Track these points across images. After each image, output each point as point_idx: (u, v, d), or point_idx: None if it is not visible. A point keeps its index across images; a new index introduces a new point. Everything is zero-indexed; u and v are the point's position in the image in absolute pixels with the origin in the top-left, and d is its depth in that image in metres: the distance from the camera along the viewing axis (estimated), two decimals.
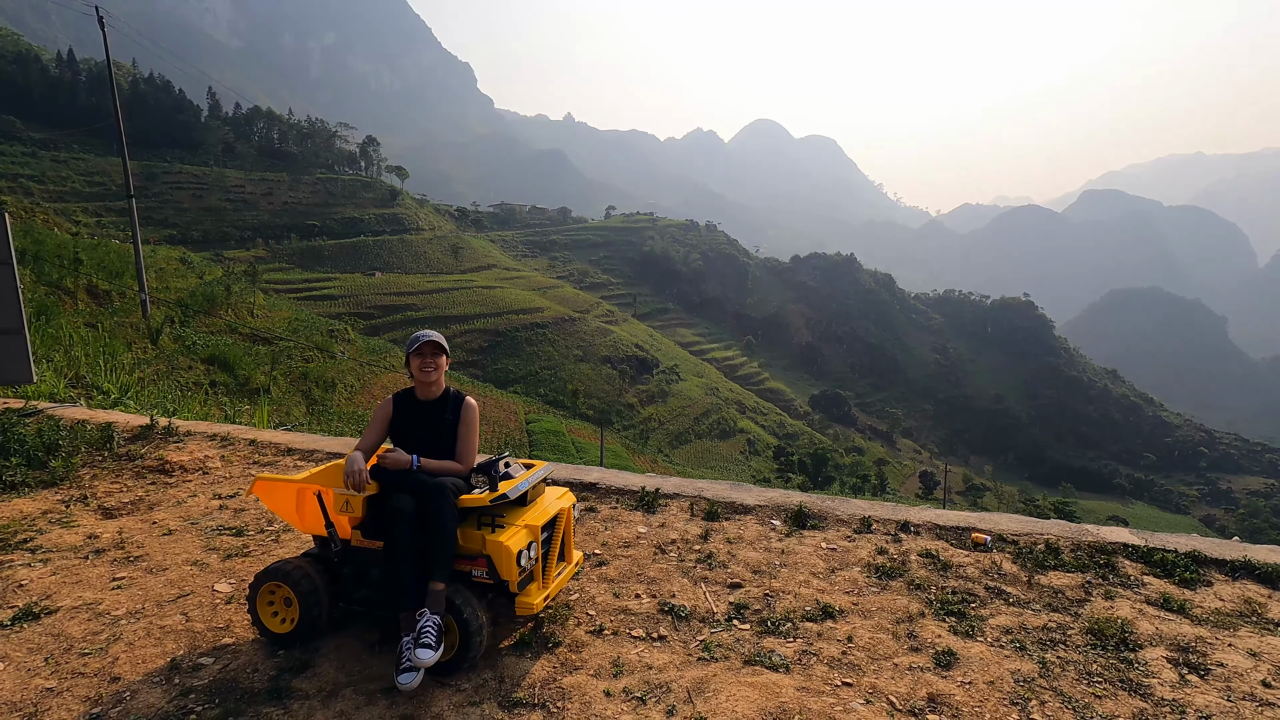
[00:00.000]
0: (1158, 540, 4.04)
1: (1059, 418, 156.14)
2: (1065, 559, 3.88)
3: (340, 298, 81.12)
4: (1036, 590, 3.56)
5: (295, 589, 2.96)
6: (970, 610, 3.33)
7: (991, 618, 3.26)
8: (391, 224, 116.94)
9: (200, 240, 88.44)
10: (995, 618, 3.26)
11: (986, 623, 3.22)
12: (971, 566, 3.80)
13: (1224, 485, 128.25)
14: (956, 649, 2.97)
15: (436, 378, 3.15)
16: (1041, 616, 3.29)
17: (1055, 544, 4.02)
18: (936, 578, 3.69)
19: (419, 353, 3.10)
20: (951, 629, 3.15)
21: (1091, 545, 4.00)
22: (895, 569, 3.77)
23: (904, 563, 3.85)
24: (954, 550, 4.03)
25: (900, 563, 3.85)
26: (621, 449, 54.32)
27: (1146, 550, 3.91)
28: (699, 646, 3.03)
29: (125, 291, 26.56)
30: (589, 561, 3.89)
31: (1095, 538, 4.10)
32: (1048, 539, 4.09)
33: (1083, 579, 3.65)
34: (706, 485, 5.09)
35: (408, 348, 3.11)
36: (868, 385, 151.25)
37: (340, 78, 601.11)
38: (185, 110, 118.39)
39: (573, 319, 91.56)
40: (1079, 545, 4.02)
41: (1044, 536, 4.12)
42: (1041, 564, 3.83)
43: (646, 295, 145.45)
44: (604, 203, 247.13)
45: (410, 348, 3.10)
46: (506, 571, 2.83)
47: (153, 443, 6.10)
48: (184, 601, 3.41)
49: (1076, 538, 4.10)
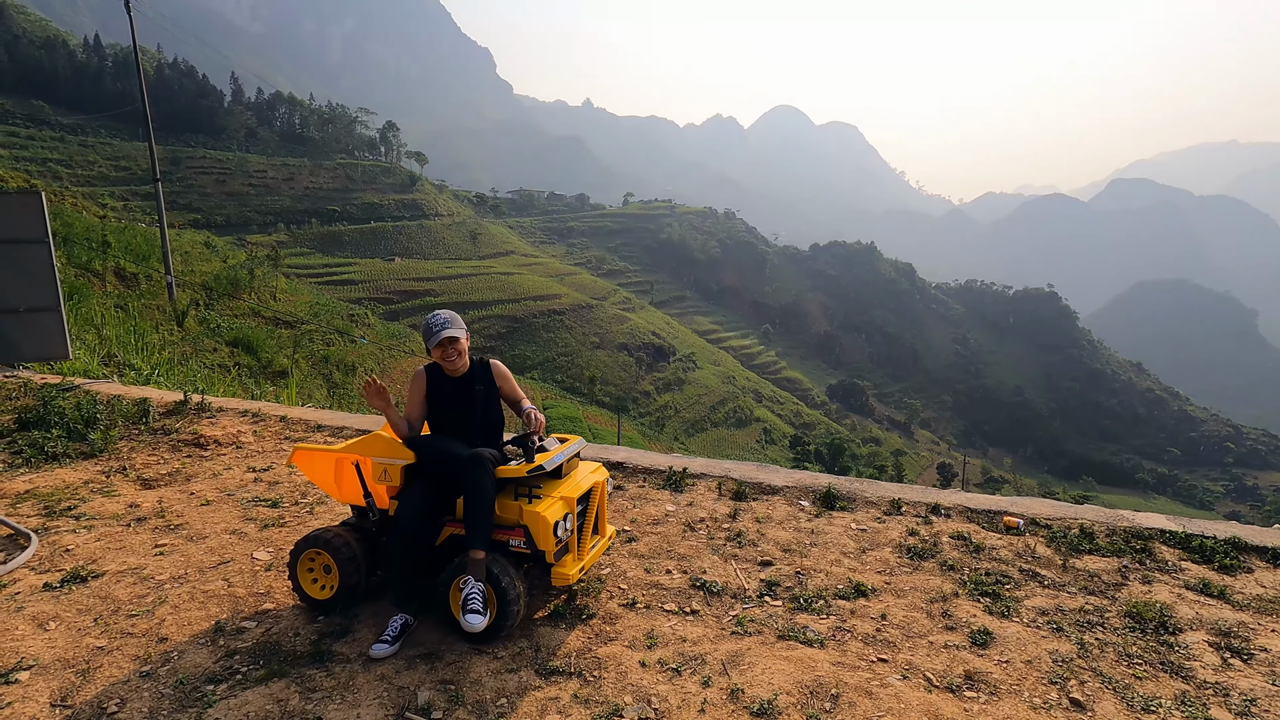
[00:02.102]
0: (1196, 526, 3.98)
1: (1081, 411, 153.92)
2: (1100, 543, 3.83)
3: (360, 283, 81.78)
4: (1072, 573, 3.52)
5: (335, 556, 3.01)
6: (1005, 591, 3.30)
7: (1027, 599, 3.24)
8: (410, 209, 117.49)
9: (223, 225, 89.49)
10: (1030, 599, 3.24)
11: (1022, 604, 3.19)
12: (1005, 549, 3.77)
13: (1250, 481, 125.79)
14: (992, 628, 2.95)
15: (461, 363, 3.15)
16: (1078, 599, 3.25)
17: (1090, 529, 3.97)
18: (969, 559, 3.66)
19: (439, 345, 3.10)
20: (986, 609, 3.13)
21: (1127, 530, 3.95)
22: (927, 550, 3.75)
23: (935, 544, 3.83)
24: (986, 533, 3.99)
25: (932, 544, 3.83)
26: (638, 436, 54.50)
27: (1184, 536, 3.85)
28: (731, 621, 3.04)
29: (152, 274, 26.99)
30: (619, 538, 3.90)
31: (1131, 523, 4.04)
32: (1082, 523, 4.04)
33: (1119, 563, 3.61)
34: (733, 465, 5.09)
35: (426, 338, 3.09)
36: (886, 375, 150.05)
37: (360, 63, 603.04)
38: (208, 95, 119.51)
39: (590, 306, 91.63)
40: (1114, 530, 3.97)
41: (1078, 521, 4.08)
42: (1076, 548, 3.79)
43: (663, 283, 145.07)
44: (622, 190, 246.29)
45: (430, 341, 3.08)
46: (543, 541, 2.85)
47: (187, 418, 6.22)
48: (225, 568, 3.48)
49: (1112, 523, 4.04)
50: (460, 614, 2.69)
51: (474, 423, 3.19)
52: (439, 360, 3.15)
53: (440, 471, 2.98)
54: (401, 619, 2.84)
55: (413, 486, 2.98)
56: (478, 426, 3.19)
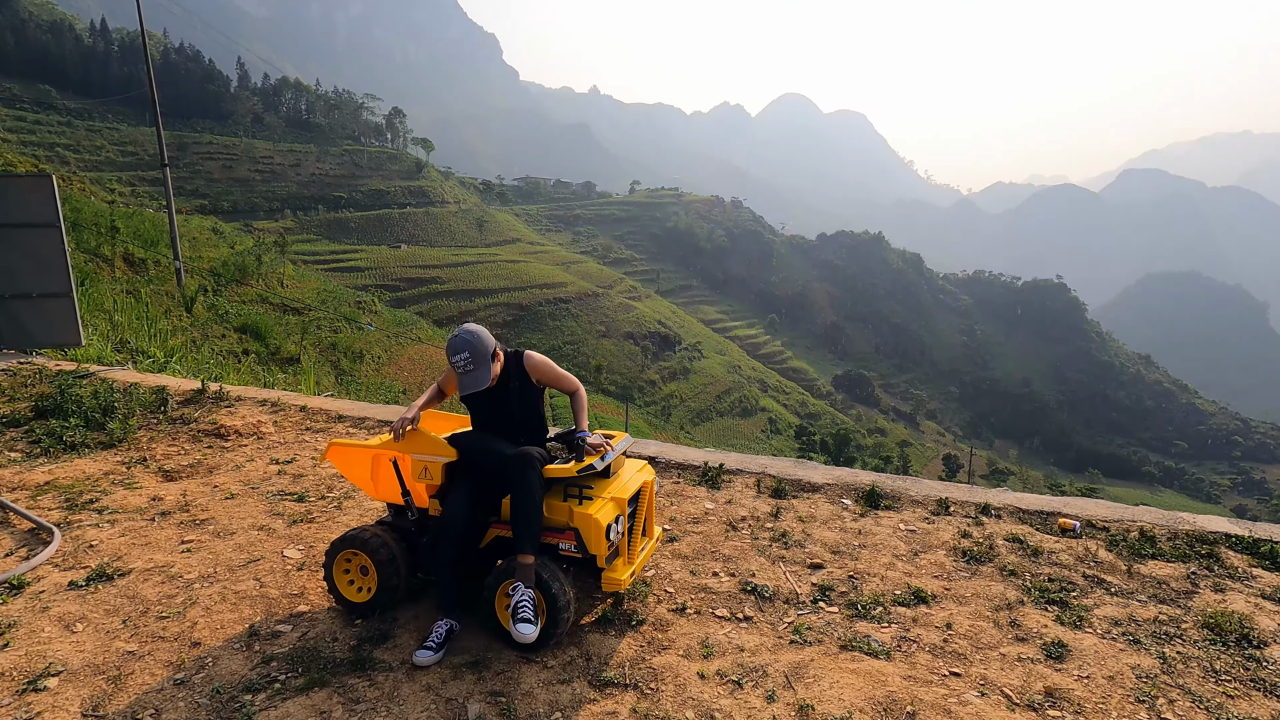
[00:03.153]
0: (1263, 530, 3.81)
1: (1088, 403, 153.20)
2: (1163, 548, 3.67)
3: (367, 270, 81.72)
4: (1138, 580, 3.36)
5: (373, 558, 2.87)
6: (1072, 600, 3.15)
7: (1096, 608, 3.08)
8: (417, 196, 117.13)
9: (230, 211, 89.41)
10: (1100, 608, 3.08)
11: (1092, 613, 3.03)
12: (1064, 553, 3.61)
13: (1258, 475, 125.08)
14: (1066, 640, 2.79)
15: (489, 382, 2.88)
16: (1149, 608, 3.09)
17: (1150, 531, 3.81)
18: (1029, 564, 3.50)
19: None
20: (1057, 619, 2.97)
21: (1190, 534, 3.78)
22: (982, 554, 3.59)
23: (990, 547, 3.67)
24: (1041, 535, 3.83)
25: (987, 547, 3.67)
26: (644, 425, 54.43)
27: (1252, 541, 3.68)
28: (788, 629, 2.90)
29: (160, 260, 26.95)
30: (659, 537, 3.76)
31: (1193, 526, 3.88)
32: (1141, 526, 3.87)
33: (1186, 570, 3.44)
34: (770, 461, 4.94)
35: (451, 358, 2.83)
36: (892, 366, 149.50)
37: (366, 49, 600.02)
38: (215, 80, 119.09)
39: (596, 294, 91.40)
40: (1176, 534, 3.80)
41: (1136, 524, 3.91)
42: (1139, 553, 3.63)
43: (670, 272, 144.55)
44: (629, 178, 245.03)
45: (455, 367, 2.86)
46: (595, 545, 2.70)
47: (205, 407, 6.09)
48: (255, 567, 3.35)
49: (1173, 525, 3.88)
50: (510, 623, 2.55)
51: (513, 420, 3.03)
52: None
53: (486, 470, 2.84)
54: (446, 624, 2.70)
55: (457, 486, 2.82)
56: (518, 423, 3.04)
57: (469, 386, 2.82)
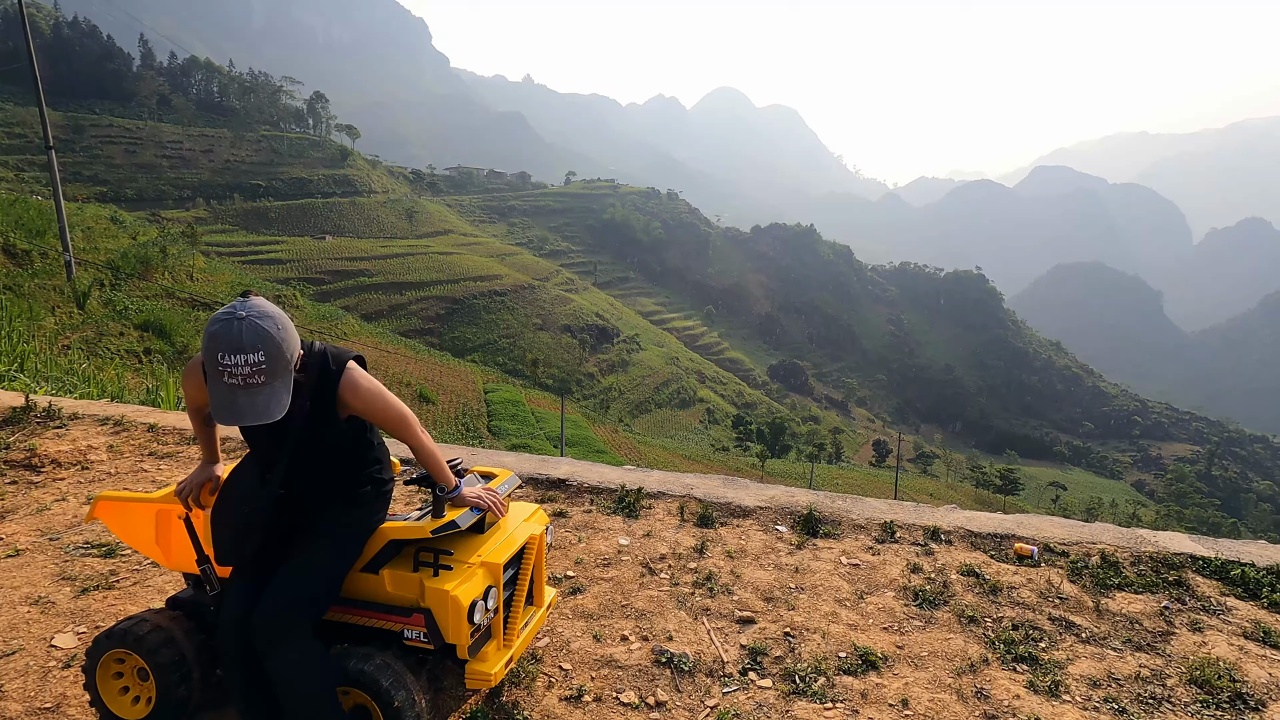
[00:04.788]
0: (1228, 550, 3.47)
1: (1006, 388, 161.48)
2: (1128, 575, 3.27)
3: (288, 262, 77.62)
4: (1109, 620, 2.93)
5: (151, 659, 2.09)
6: (1042, 653, 2.66)
7: (1070, 663, 2.61)
8: (342, 185, 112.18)
9: (134, 199, 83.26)
10: (1075, 663, 2.61)
11: (1067, 671, 2.56)
12: (1025, 588, 3.15)
13: (1154, 452, 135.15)
14: (1044, 716, 2.29)
15: (282, 412, 1.68)
16: (1127, 659, 2.65)
17: (1112, 556, 3.41)
18: (988, 604, 3.02)
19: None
20: (1029, 684, 2.47)
21: (1154, 558, 3.40)
22: (937, 593, 3.10)
23: (945, 585, 3.18)
24: (997, 565, 3.38)
25: (941, 585, 3.17)
26: (582, 419, 53.65)
27: (1220, 565, 3.33)
28: (710, 716, 2.30)
29: (48, 252, 24.54)
30: (560, 587, 3.10)
31: (1156, 547, 3.50)
32: (1102, 549, 3.47)
33: (1157, 604, 3.04)
34: (696, 481, 4.35)
35: (220, 359, 1.57)
36: (825, 355, 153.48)
37: (286, 29, 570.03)
38: (115, 58, 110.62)
39: (532, 287, 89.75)
40: (1139, 557, 3.41)
41: (1097, 546, 3.51)
42: (1104, 583, 3.21)
43: (607, 263, 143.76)
44: (564, 168, 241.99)
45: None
46: (454, 632, 2.01)
47: (26, 428, 5.05)
48: (4, 665, 2.49)
49: (1134, 548, 3.49)
50: None
51: (311, 468, 1.97)
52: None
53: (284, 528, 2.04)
54: None
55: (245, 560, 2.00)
56: (318, 475, 2.00)
57: (249, 415, 1.60)
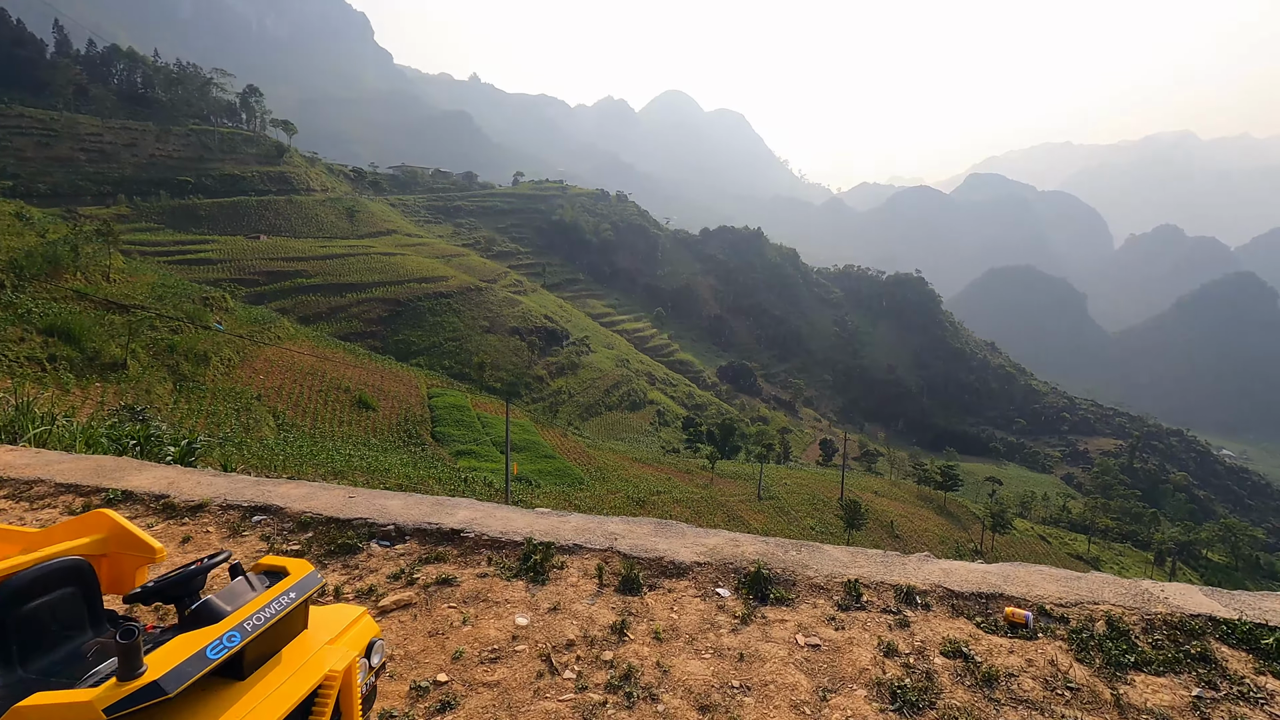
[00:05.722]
0: (1251, 609, 3.00)
1: (944, 387, 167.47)
2: (1144, 649, 2.73)
3: (219, 262, 74.17)
4: (1132, 717, 2.38)
5: None
6: None
7: None
8: (278, 183, 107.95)
9: (48, 194, 78.13)
10: None
11: None
12: (1026, 675, 2.57)
13: (1082, 446, 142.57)
14: None
15: None
16: None
17: (1119, 621, 2.88)
18: (984, 703, 2.42)
19: None
20: None
21: (1169, 622, 2.88)
22: (919, 690, 2.47)
23: (928, 675, 2.58)
24: (987, 639, 2.81)
25: (924, 675, 2.57)
26: (530, 423, 52.93)
27: (1245, 632, 2.82)
28: None
29: None
30: (423, 700, 2.35)
31: (1168, 608, 2.98)
32: (1107, 613, 2.94)
33: (1186, 691, 2.50)
34: (622, 529, 3.68)
35: None
36: (772, 356, 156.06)
37: (217, 19, 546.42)
38: (26, 45, 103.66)
39: (479, 288, 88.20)
40: (1151, 622, 2.89)
41: (1100, 608, 2.99)
42: (1117, 662, 2.66)
43: (556, 265, 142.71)
44: (511, 168, 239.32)
45: None
46: None
47: None
48: None
49: (1144, 609, 2.98)
50: None
51: None
52: None
53: None
54: None
55: None
56: None
57: None
